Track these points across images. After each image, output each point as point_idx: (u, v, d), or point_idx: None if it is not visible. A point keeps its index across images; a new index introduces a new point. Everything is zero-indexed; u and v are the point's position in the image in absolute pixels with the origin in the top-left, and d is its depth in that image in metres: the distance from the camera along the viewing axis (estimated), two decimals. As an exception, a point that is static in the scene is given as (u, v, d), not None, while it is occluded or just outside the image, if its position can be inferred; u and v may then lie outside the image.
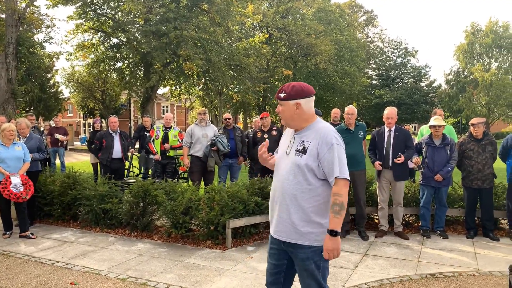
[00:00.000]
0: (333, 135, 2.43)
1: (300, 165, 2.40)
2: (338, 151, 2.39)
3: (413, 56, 49.36)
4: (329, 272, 2.63)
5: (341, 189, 2.33)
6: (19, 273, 4.32)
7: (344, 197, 2.33)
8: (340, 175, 2.35)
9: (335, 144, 2.39)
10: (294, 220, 2.43)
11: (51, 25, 18.00)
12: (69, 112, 54.78)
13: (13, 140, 5.76)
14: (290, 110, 2.48)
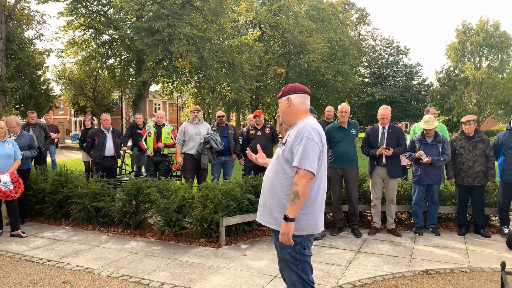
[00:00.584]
0: (308, 130, 2.54)
1: (279, 156, 2.64)
2: (306, 143, 2.50)
3: (405, 55, 49.69)
4: (311, 267, 2.68)
5: (299, 179, 2.46)
6: (10, 272, 4.27)
7: (301, 186, 2.44)
8: (299, 165, 2.47)
9: (305, 137, 2.51)
10: (270, 206, 2.62)
11: (42, 22, 17.79)
12: (60, 110, 54.32)
13: (3, 138, 5.69)
14: (283, 105, 2.75)
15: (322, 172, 2.62)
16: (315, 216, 2.59)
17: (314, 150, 2.50)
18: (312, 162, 2.47)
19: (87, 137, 7.68)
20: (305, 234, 2.57)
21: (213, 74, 22.23)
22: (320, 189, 2.61)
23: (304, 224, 2.55)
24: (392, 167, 5.60)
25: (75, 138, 36.93)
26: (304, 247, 2.58)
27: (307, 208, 2.54)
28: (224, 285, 3.92)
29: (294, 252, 2.57)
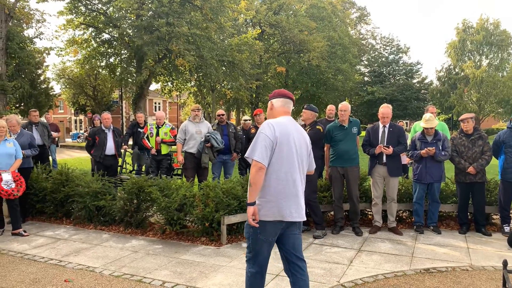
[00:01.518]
0: (263, 125, 2.84)
1: None
2: (258, 136, 2.80)
3: (405, 53, 49.60)
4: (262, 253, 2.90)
5: (251, 168, 2.75)
6: (12, 271, 4.28)
7: (251, 175, 2.73)
8: (249, 155, 2.78)
9: (259, 131, 2.82)
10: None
11: (42, 20, 17.76)
12: (60, 109, 54.30)
13: (4, 137, 5.69)
14: (268, 108, 3.09)
15: (282, 164, 2.79)
16: (277, 204, 2.77)
17: (264, 143, 2.75)
18: (261, 153, 2.72)
19: (88, 136, 7.69)
20: (261, 220, 2.78)
21: (213, 73, 22.22)
22: (280, 179, 2.78)
23: (265, 210, 2.78)
24: (392, 166, 5.61)
25: (75, 137, 36.91)
26: (257, 232, 2.81)
27: (267, 195, 2.78)
28: (225, 283, 3.93)
29: (248, 233, 2.86)
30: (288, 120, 2.94)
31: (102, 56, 22.70)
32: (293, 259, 2.97)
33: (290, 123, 2.92)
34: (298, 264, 2.96)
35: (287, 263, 3.00)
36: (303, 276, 2.96)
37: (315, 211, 5.48)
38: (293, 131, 2.89)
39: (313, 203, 5.46)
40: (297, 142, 2.89)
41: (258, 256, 2.89)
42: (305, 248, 5.00)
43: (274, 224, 2.81)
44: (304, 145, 2.95)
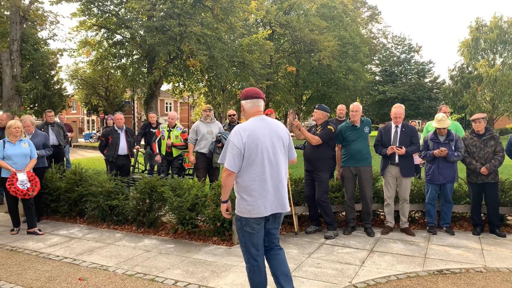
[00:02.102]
0: (233, 133, 3.05)
1: None
2: (227, 144, 3.06)
3: (417, 52, 49.12)
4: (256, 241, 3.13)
5: (222, 172, 3.04)
6: (28, 269, 4.36)
7: (222, 179, 3.05)
8: (220, 161, 3.10)
9: (229, 139, 3.05)
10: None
11: (55, 22, 17.97)
12: (72, 109, 54.97)
13: (19, 137, 5.79)
14: (242, 108, 3.21)
15: (253, 165, 3.03)
16: (253, 203, 3.03)
17: (232, 152, 3.00)
18: (229, 161, 3.00)
19: (101, 136, 7.78)
20: (244, 217, 3.06)
21: (224, 73, 22.27)
22: (254, 180, 3.03)
23: (242, 208, 3.07)
24: (405, 166, 5.57)
25: (88, 137, 37.34)
26: (243, 225, 3.09)
27: (244, 194, 3.06)
28: (237, 283, 3.95)
29: (238, 228, 3.15)
30: (258, 120, 3.12)
31: (114, 57, 22.92)
32: (272, 246, 3.28)
33: (260, 124, 3.10)
34: (277, 252, 3.28)
35: (265, 250, 3.27)
36: (281, 255, 3.28)
37: (327, 211, 5.47)
38: (263, 131, 3.07)
39: (324, 204, 5.45)
40: (268, 141, 3.07)
41: (250, 249, 3.13)
42: (316, 248, 5.00)
43: (256, 220, 3.07)
44: (278, 140, 3.14)
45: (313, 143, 5.43)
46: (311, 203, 5.67)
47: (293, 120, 5.58)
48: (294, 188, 5.97)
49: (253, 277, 3.16)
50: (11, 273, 4.24)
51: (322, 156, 5.47)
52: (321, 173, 5.45)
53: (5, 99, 14.68)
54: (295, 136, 5.79)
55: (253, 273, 3.15)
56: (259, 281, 3.17)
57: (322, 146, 5.44)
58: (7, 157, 5.64)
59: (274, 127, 3.15)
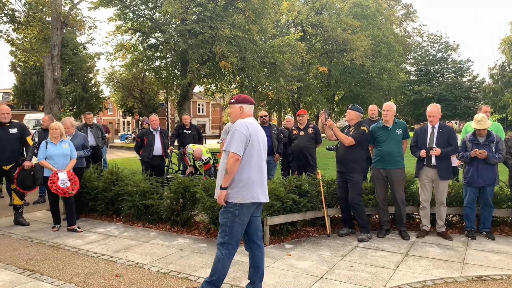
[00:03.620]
0: (237, 124, 3.38)
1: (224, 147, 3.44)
2: (234, 133, 3.33)
3: (454, 50, 47.51)
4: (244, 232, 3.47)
5: (228, 159, 3.28)
6: (68, 265, 4.54)
7: (229, 165, 3.27)
8: (227, 149, 3.31)
9: (234, 129, 3.35)
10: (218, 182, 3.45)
11: (93, 27, 18.59)
12: (109, 111, 56.68)
13: (60, 138, 6.04)
14: (236, 111, 3.55)
15: (253, 156, 3.36)
16: (250, 189, 3.34)
17: (240, 138, 3.30)
18: (237, 147, 3.28)
19: (137, 137, 8.00)
20: (239, 203, 3.33)
21: (255, 74, 22.35)
22: (252, 168, 3.36)
23: (242, 195, 3.33)
24: (442, 168, 5.40)
25: (123, 138, 38.40)
26: (235, 215, 3.34)
27: (242, 182, 3.33)
28: (269, 284, 3.95)
29: (226, 219, 3.37)
30: (254, 120, 3.55)
31: (148, 60, 23.48)
32: (255, 238, 3.57)
33: (256, 123, 3.54)
34: (258, 243, 3.58)
35: (248, 241, 3.59)
36: (261, 252, 3.57)
37: (360, 214, 5.39)
38: (259, 129, 3.51)
39: (357, 206, 5.37)
40: (262, 138, 3.51)
41: (234, 238, 3.39)
42: (349, 251, 4.93)
43: (249, 206, 3.37)
44: (265, 140, 3.59)
45: (346, 144, 5.36)
46: (343, 205, 5.60)
47: (325, 120, 5.52)
48: (326, 189, 5.91)
49: (227, 263, 3.45)
50: (52, 268, 4.43)
51: (355, 158, 5.39)
52: (354, 175, 5.37)
53: (47, 102, 15.32)
54: (327, 137, 5.74)
55: (228, 259, 3.45)
56: (229, 267, 3.50)
57: (355, 147, 5.37)
58: (49, 157, 5.91)
59: (260, 127, 3.59)
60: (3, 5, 14.82)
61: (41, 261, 4.66)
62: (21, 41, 16.01)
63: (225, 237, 3.40)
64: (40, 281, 4.07)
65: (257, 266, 3.56)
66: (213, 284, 3.49)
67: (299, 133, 7.25)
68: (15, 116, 7.16)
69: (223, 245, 3.41)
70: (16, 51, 17.13)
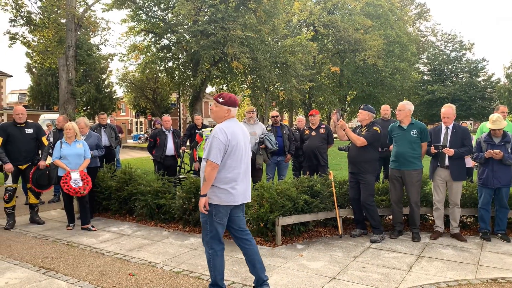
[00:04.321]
0: (216, 130, 3.42)
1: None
2: (212, 141, 3.38)
3: (469, 50, 46.78)
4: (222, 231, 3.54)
5: (206, 167, 3.37)
6: (82, 263, 4.60)
7: (206, 173, 3.35)
8: (206, 157, 3.38)
9: (212, 136, 3.41)
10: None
11: (107, 28, 18.82)
12: (122, 111, 57.26)
13: (75, 138, 6.13)
14: (222, 111, 3.53)
15: (232, 160, 3.44)
16: (227, 192, 3.43)
17: (218, 147, 3.35)
18: (215, 155, 3.34)
19: (149, 138, 8.07)
20: (215, 204, 3.42)
21: (267, 74, 22.37)
22: (230, 172, 3.43)
23: (219, 197, 3.42)
24: (456, 169, 5.33)
25: (136, 138, 38.75)
26: (213, 215, 3.44)
27: (220, 185, 3.41)
28: (281, 284, 3.96)
29: (205, 218, 3.48)
30: (235, 122, 3.60)
31: (161, 61, 23.68)
32: (241, 235, 3.64)
33: (237, 125, 3.59)
34: (246, 238, 3.64)
35: (236, 239, 3.67)
36: (251, 246, 3.62)
37: (372, 214, 5.35)
38: (240, 131, 3.55)
39: (370, 207, 5.33)
40: (242, 140, 3.54)
41: (215, 237, 3.50)
42: (361, 252, 4.90)
43: (225, 208, 3.47)
44: (248, 140, 3.66)
45: (358, 144, 5.33)
46: (356, 206, 5.57)
47: (337, 121, 5.50)
48: (338, 190, 5.89)
49: (217, 260, 3.53)
50: (67, 266, 4.50)
51: (368, 158, 5.35)
52: (366, 175, 5.33)
53: (61, 102, 15.55)
54: (339, 137, 5.71)
55: (217, 256, 3.53)
56: (222, 265, 3.56)
57: (367, 147, 5.33)
58: (63, 157, 6.00)
59: (244, 129, 3.67)
60: (19, 7, 15.09)
61: (56, 259, 4.74)
62: (36, 42, 16.28)
63: (207, 236, 3.51)
64: (55, 279, 4.13)
65: (252, 259, 3.62)
66: (215, 285, 3.56)
67: (310, 134, 7.24)
68: (30, 117, 7.29)
69: (207, 244, 3.53)
70: (32, 53, 17.44)
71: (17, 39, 15.61)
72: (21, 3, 15.23)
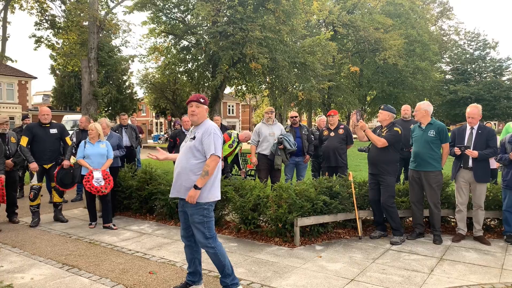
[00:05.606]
0: (214, 128, 3.58)
1: (191, 147, 3.58)
2: (213, 136, 3.52)
3: (493, 48, 45.67)
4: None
5: (211, 162, 3.47)
6: (104, 261, 4.70)
7: (211, 167, 3.46)
8: (210, 151, 3.48)
9: (212, 133, 3.54)
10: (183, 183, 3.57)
11: (127, 30, 19.20)
12: (142, 112, 58.08)
13: (98, 138, 6.26)
14: (203, 111, 3.70)
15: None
16: (215, 188, 3.61)
17: (219, 141, 3.55)
18: (218, 150, 3.51)
19: (169, 138, 8.17)
20: (211, 201, 3.57)
21: (285, 75, 22.33)
22: (219, 169, 3.64)
23: (211, 194, 3.56)
24: (479, 171, 5.21)
25: (156, 139, 39.24)
26: (209, 212, 3.56)
27: (215, 182, 3.60)
28: (300, 284, 3.95)
29: (202, 216, 3.53)
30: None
31: (180, 62, 23.92)
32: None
33: None
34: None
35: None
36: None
37: (393, 216, 5.28)
38: None
39: (390, 208, 5.27)
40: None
41: (212, 231, 3.60)
42: (381, 254, 4.85)
43: (214, 203, 3.65)
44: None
45: (379, 145, 5.27)
46: (375, 208, 5.51)
47: (357, 121, 5.44)
48: (358, 191, 5.84)
49: (223, 252, 3.62)
50: (89, 263, 4.60)
51: (388, 159, 5.29)
52: (386, 177, 5.27)
53: (84, 103, 15.91)
54: (359, 138, 5.66)
55: (221, 248, 3.62)
56: (225, 254, 3.64)
57: (387, 148, 5.27)
58: (86, 156, 6.14)
59: None
60: (44, 10, 15.49)
61: (78, 256, 4.85)
62: (60, 45, 16.68)
63: (208, 233, 3.56)
64: (78, 276, 4.23)
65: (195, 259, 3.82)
66: (227, 275, 3.63)
67: (329, 134, 7.19)
68: (54, 118, 7.48)
69: (209, 243, 3.56)
70: (56, 56, 17.87)
71: (42, 42, 16.05)
72: (46, 6, 15.64)
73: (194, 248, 3.78)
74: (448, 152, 5.38)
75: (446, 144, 5.33)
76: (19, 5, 15.95)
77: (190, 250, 3.80)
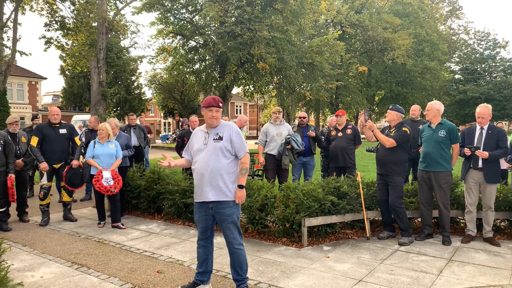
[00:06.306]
0: (236, 127, 3.68)
1: (219, 147, 3.56)
2: (240, 135, 3.65)
3: (503, 48, 45.06)
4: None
5: (245, 159, 3.62)
6: (113, 260, 4.73)
7: (246, 164, 3.62)
8: (244, 150, 3.62)
9: (238, 132, 3.66)
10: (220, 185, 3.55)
11: (136, 31, 19.29)
12: (151, 112, 58.36)
13: (108, 139, 6.31)
14: (219, 113, 3.69)
15: None
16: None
17: (244, 138, 3.70)
18: (247, 147, 3.67)
19: (177, 138, 8.21)
20: None
21: (293, 75, 22.29)
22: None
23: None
24: (489, 171, 5.15)
25: (164, 139, 39.41)
26: (239, 211, 3.70)
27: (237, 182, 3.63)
28: (307, 285, 3.94)
29: (238, 213, 3.67)
30: None
31: (188, 63, 24.00)
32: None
33: None
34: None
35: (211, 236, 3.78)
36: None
37: (401, 217, 5.25)
38: None
39: (398, 209, 5.24)
40: None
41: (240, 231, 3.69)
42: (389, 255, 4.82)
43: None
44: None
45: (387, 145, 5.25)
46: (384, 208, 5.48)
47: (365, 121, 5.42)
48: (366, 192, 5.81)
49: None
50: (98, 262, 4.64)
51: (396, 159, 5.26)
52: (395, 177, 5.24)
53: (93, 104, 16.02)
54: (367, 138, 5.63)
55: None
56: None
57: (396, 149, 5.24)
58: (95, 156, 6.19)
59: None
60: (54, 11, 15.64)
61: (87, 255, 4.89)
62: (69, 46, 16.83)
63: (237, 234, 3.64)
64: (87, 274, 4.27)
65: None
66: (245, 271, 3.71)
67: (337, 134, 7.17)
68: (63, 118, 7.55)
69: (240, 242, 3.63)
70: (65, 56, 18.03)
71: (51, 43, 16.20)
72: (56, 8, 15.79)
73: (209, 249, 3.80)
74: (458, 153, 5.32)
75: (457, 145, 5.29)
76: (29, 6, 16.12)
77: (205, 251, 3.78)
